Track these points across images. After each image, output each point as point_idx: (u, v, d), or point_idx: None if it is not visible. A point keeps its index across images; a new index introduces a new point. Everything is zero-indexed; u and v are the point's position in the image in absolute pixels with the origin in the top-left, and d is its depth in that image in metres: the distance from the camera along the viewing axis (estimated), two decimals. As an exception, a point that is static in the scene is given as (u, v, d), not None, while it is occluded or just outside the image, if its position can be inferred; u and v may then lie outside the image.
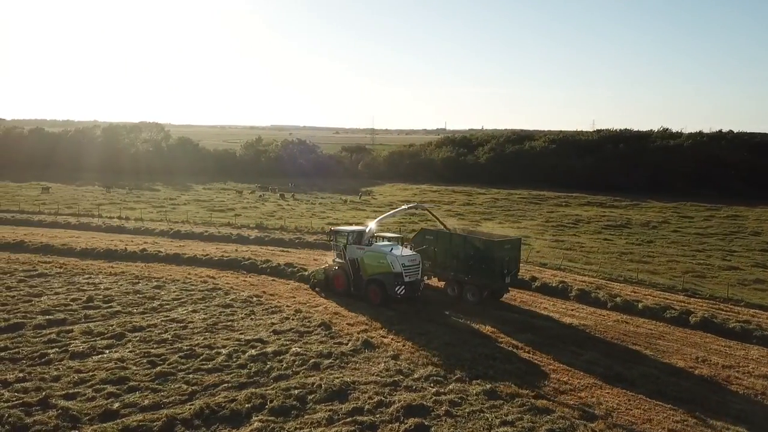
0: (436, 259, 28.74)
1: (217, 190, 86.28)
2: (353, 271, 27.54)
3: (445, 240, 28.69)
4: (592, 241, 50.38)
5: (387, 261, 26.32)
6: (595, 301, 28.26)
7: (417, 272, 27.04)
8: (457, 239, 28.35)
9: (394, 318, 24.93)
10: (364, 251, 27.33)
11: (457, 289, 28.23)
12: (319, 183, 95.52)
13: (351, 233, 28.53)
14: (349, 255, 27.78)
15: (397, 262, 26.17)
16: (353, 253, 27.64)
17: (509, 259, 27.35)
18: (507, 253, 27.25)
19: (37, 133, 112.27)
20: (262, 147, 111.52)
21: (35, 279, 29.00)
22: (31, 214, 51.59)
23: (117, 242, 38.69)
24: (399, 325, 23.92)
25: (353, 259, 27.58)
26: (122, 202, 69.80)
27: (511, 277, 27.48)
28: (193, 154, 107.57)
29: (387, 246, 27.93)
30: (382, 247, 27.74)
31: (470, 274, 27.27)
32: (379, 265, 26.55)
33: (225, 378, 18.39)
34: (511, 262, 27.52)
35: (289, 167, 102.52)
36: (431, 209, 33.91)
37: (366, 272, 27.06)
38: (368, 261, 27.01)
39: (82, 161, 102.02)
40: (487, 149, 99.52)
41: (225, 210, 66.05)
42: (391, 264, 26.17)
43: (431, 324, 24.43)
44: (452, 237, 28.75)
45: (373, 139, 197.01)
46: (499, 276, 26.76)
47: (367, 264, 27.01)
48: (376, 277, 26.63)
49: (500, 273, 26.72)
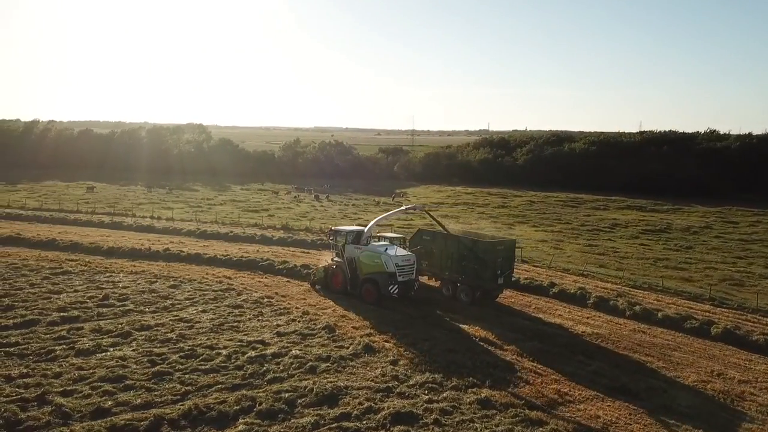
0: (432, 260, 28.97)
1: (254, 191, 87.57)
2: (350, 270, 28.03)
3: (440, 241, 28.83)
4: (628, 246, 48.96)
5: (381, 261, 26.78)
6: (613, 309, 27.37)
7: (411, 272, 27.37)
8: (452, 240, 28.42)
9: (400, 322, 24.72)
10: (361, 251, 27.80)
11: (452, 290, 28.40)
12: (355, 184, 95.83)
13: (350, 233, 29.10)
14: (347, 254, 28.29)
15: (390, 261, 26.59)
16: (351, 252, 28.13)
17: (502, 261, 27.31)
18: (499, 255, 27.27)
19: (86, 135, 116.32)
20: (300, 148, 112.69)
21: (59, 276, 29.93)
22: (68, 212, 53.34)
23: (144, 241, 39.62)
24: (404, 330, 23.68)
25: (351, 258, 28.07)
26: (161, 201, 71.58)
27: (504, 278, 27.47)
28: (234, 155, 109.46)
29: (382, 246, 28.39)
30: (378, 247, 28.20)
31: (463, 274, 27.48)
32: (374, 265, 27.01)
33: (220, 379, 18.52)
34: (505, 263, 27.47)
35: (326, 168, 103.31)
36: (429, 210, 33.98)
37: (362, 271, 27.51)
38: (364, 260, 27.46)
39: (127, 162, 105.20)
40: (525, 151, 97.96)
41: (259, 210, 66.97)
42: (385, 264, 26.63)
43: (437, 329, 24.10)
44: (447, 238, 28.77)
45: (412, 141, 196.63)
46: (490, 277, 26.83)
47: (364, 263, 27.46)
48: (370, 276, 27.08)
49: (492, 274, 26.81)
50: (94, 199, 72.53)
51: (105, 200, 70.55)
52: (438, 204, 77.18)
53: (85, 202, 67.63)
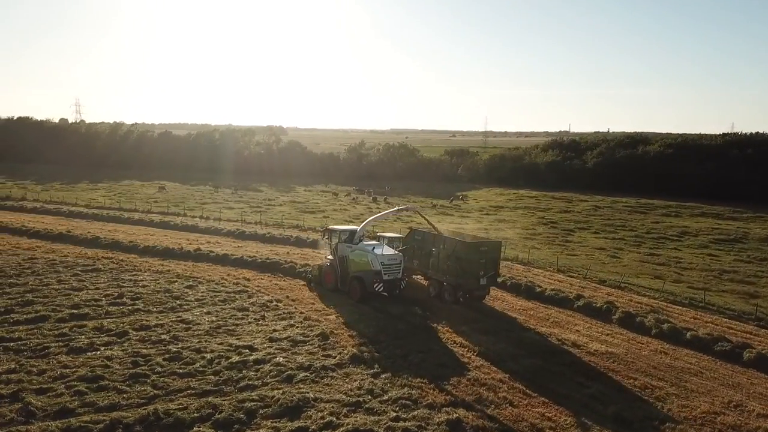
0: (422, 259, 29.32)
1: (316, 192, 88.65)
2: (341, 268, 28.83)
3: (429, 241, 28.97)
4: (694, 256, 45.65)
5: (368, 259, 27.57)
6: (639, 327, 25.24)
7: (397, 271, 27.92)
8: (438, 240, 28.43)
9: (402, 332, 23.82)
10: (352, 249, 28.59)
11: (438, 289, 28.49)
12: (416, 186, 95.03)
13: (343, 232, 30.10)
14: (339, 253, 29.15)
15: (377, 260, 27.32)
16: (343, 251, 29.00)
17: (486, 262, 27.08)
18: (482, 256, 27.07)
19: (165, 137, 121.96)
20: (365, 151, 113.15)
21: (88, 273, 31.06)
22: (126, 211, 55.73)
23: (182, 241, 40.66)
24: (402, 340, 22.78)
25: (342, 256, 28.92)
26: (224, 201, 73.73)
27: (488, 279, 27.30)
28: (301, 157, 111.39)
29: (370, 245, 29.02)
30: (366, 246, 28.85)
31: (447, 274, 27.56)
32: (362, 263, 27.83)
33: (193, 384, 18.35)
34: (488, 264, 27.24)
35: (389, 170, 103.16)
36: (421, 211, 34.60)
37: (351, 269, 28.30)
38: (354, 258, 28.30)
39: (201, 162, 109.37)
40: (596, 153, 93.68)
41: (315, 212, 67.59)
42: (371, 262, 27.39)
43: (437, 342, 22.99)
44: (434, 238, 28.77)
45: (485, 142, 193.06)
46: (472, 277, 26.75)
47: (353, 261, 28.29)
48: (358, 274, 27.85)
49: (474, 275, 26.71)
50: (162, 198, 75.71)
51: (171, 199, 73.42)
52: (497, 208, 75.19)
53: (154, 201, 70.66)
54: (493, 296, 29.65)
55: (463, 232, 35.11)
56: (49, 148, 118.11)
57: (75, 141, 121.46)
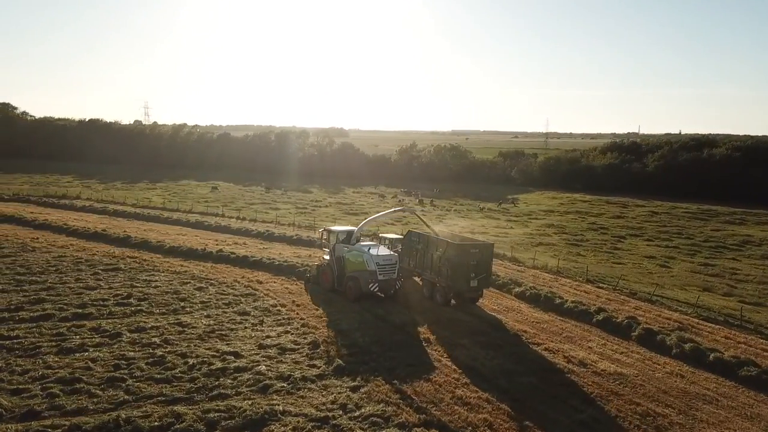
0: (417, 261, 29.25)
1: (364, 194, 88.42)
2: (338, 268, 29.04)
3: (423, 242, 28.90)
4: (753, 267, 42.46)
5: (363, 259, 27.87)
6: (659, 345, 23.24)
7: (392, 272, 28.18)
8: (432, 242, 28.34)
9: (398, 343, 22.79)
10: (349, 250, 29.00)
11: (431, 290, 28.53)
12: (466, 189, 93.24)
13: (341, 233, 30.55)
14: (336, 253, 29.46)
15: (372, 261, 27.61)
16: (340, 251, 29.36)
17: (476, 264, 26.84)
18: (473, 258, 26.82)
19: (223, 138, 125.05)
20: (416, 152, 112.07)
21: (108, 273, 31.61)
22: (165, 210, 57.02)
23: (209, 241, 41.02)
24: (396, 352, 21.80)
25: (339, 256, 29.22)
26: (272, 202, 74.54)
27: (479, 281, 27.07)
28: (353, 158, 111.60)
29: (366, 246, 29.46)
30: (363, 246, 29.26)
31: (439, 275, 27.50)
32: (358, 263, 28.08)
33: (165, 390, 18.04)
34: (479, 266, 26.96)
35: (440, 172, 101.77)
36: (418, 212, 34.46)
37: (348, 269, 28.55)
38: (350, 259, 28.57)
39: (256, 163, 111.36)
40: (657, 156, 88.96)
41: (359, 213, 67.20)
42: (366, 262, 27.67)
43: (429, 355, 21.83)
44: (428, 240, 28.66)
45: (546, 144, 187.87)
46: (462, 279, 26.61)
47: (349, 261, 28.55)
48: (354, 274, 28.05)
49: (464, 276, 26.56)
50: (213, 198, 77.33)
51: (221, 199, 74.87)
52: (547, 212, 72.65)
53: (204, 201, 72.24)
54: (508, 306, 28.21)
55: (460, 233, 34.26)
56: (116, 148, 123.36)
57: (140, 142, 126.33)
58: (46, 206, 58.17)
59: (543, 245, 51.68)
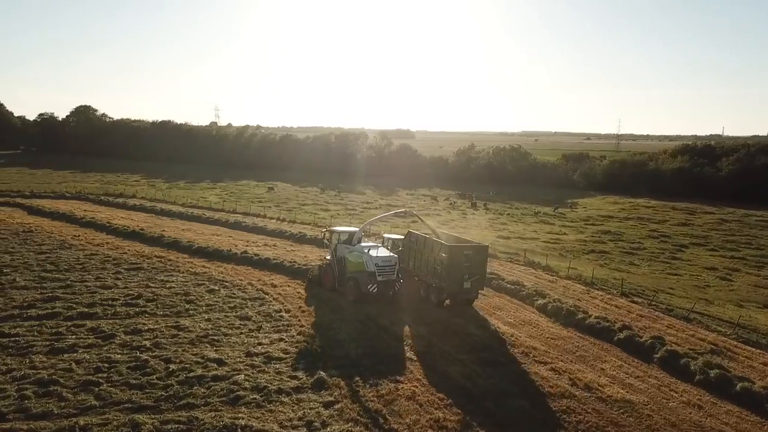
0: (415, 261, 29.16)
1: (417, 196, 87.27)
2: (339, 269, 29.12)
3: (420, 243, 28.81)
4: (831, 281, 38.56)
5: (362, 260, 27.90)
6: (682, 370, 20.96)
7: (392, 273, 28.13)
8: (428, 243, 28.24)
9: (392, 357, 21.57)
10: (350, 250, 28.97)
11: (426, 291, 28.37)
12: (523, 192, 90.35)
13: (342, 233, 30.65)
14: (338, 253, 29.56)
15: (371, 262, 27.69)
16: (341, 251, 29.42)
17: (470, 265, 26.81)
18: (466, 259, 26.75)
19: (285, 139, 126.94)
20: (474, 154, 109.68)
21: (129, 272, 31.96)
22: (206, 210, 57.88)
23: (240, 242, 41.08)
24: (386, 366, 20.60)
25: (341, 257, 29.29)
26: (324, 203, 74.74)
27: (472, 283, 26.96)
28: (411, 160, 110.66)
29: (367, 246, 29.32)
30: (363, 247, 29.11)
31: (434, 276, 27.50)
32: (358, 264, 28.10)
33: (135, 397, 17.60)
34: (473, 268, 26.90)
35: (499, 175, 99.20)
36: (419, 214, 34.27)
37: (348, 270, 28.52)
38: (351, 259, 28.55)
39: (314, 165, 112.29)
40: (732, 160, 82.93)
41: (407, 216, 66.23)
42: (366, 263, 27.73)
43: (422, 371, 20.47)
44: (425, 241, 28.57)
45: (617, 146, 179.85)
46: (455, 280, 26.57)
47: (350, 262, 28.55)
48: (353, 274, 28.06)
49: (457, 278, 26.54)
50: (267, 198, 78.38)
51: (275, 200, 75.76)
52: (606, 218, 69.15)
53: (258, 201, 73.25)
54: (525, 320, 26.43)
55: (461, 236, 32.83)
56: (184, 149, 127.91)
57: (207, 143, 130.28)
58: (101, 204, 60.43)
59: (594, 253, 49.01)
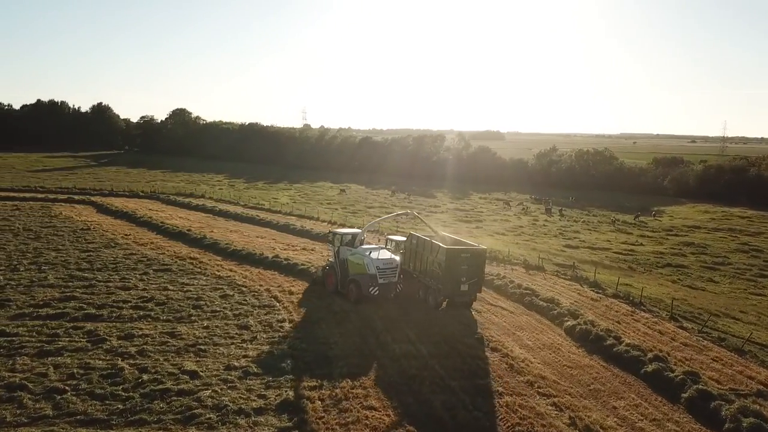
0: (416, 263, 28.83)
1: (489, 200, 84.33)
2: (342, 271, 29.05)
3: (420, 245, 28.59)
4: None
5: (364, 263, 27.84)
6: (711, 415, 17.81)
7: (393, 275, 28.35)
8: (427, 245, 27.93)
9: (379, 379, 19.86)
10: (352, 252, 28.85)
11: (425, 293, 28.17)
12: (608, 198, 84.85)
13: (345, 235, 30.47)
14: (341, 255, 29.41)
15: (372, 264, 27.71)
16: (344, 253, 29.31)
17: (468, 268, 26.72)
18: (464, 262, 26.65)
19: (364, 142, 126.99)
20: (556, 157, 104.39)
21: (156, 274, 32.01)
22: (261, 211, 58.12)
23: (278, 246, 40.53)
24: (366, 390, 18.92)
25: (343, 259, 29.15)
26: (390, 206, 73.51)
27: (470, 285, 26.85)
28: (489, 163, 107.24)
29: (368, 249, 29.19)
30: (364, 249, 29.05)
31: (432, 278, 27.35)
32: (359, 266, 28.05)
33: (92, 409, 17.04)
34: (470, 271, 26.81)
35: (580, 179, 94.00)
36: (421, 215, 33.94)
37: (350, 272, 28.44)
38: (353, 261, 28.46)
39: (391, 167, 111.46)
40: None
41: (471, 221, 64.00)
42: (367, 266, 27.71)
43: (399, 397, 18.57)
44: (425, 243, 28.25)
45: (722, 150, 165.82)
46: (452, 283, 26.49)
47: (351, 264, 28.47)
48: (354, 276, 28.00)
49: (454, 280, 26.47)
50: (337, 200, 78.38)
51: (344, 201, 75.62)
52: (692, 228, 63.42)
53: (328, 203, 73.38)
54: (546, 344, 23.77)
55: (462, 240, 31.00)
56: (269, 151, 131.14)
57: (289, 145, 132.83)
58: (168, 204, 62.36)
59: (670, 267, 44.84)
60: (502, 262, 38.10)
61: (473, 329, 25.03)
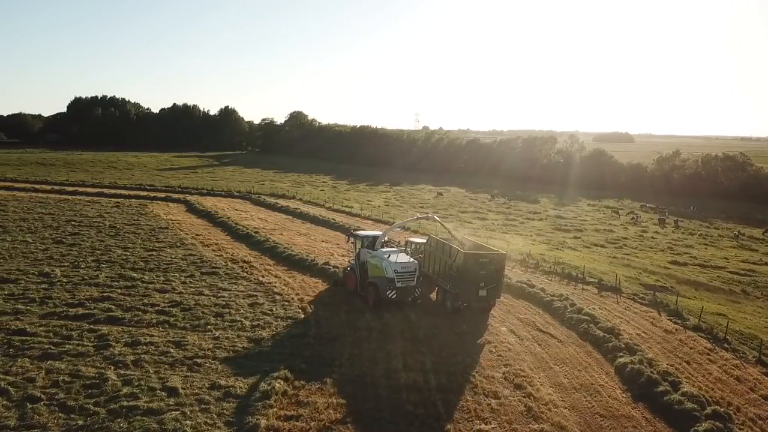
0: (434, 267, 28.70)
1: (598, 208, 78.11)
2: (361, 273, 28.95)
3: (439, 249, 28.48)
4: None
5: (382, 266, 27.50)
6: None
7: (411, 279, 27.84)
8: (446, 249, 27.81)
9: (372, 409, 17.62)
10: (371, 255, 28.62)
11: (443, 297, 28.21)
12: (738, 209, 75.75)
13: (366, 237, 30.40)
14: (361, 258, 29.40)
15: (390, 268, 27.30)
16: (364, 256, 29.21)
17: (486, 273, 26.37)
18: (483, 267, 26.35)
19: (471, 143, 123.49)
20: (679, 162, 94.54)
21: (201, 277, 31.54)
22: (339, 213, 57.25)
23: (336, 252, 39.15)
24: (357, 423, 16.78)
25: (363, 261, 29.09)
26: (485, 211, 70.57)
27: (488, 291, 26.52)
28: (603, 167, 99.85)
29: (387, 252, 28.87)
30: (383, 252, 28.71)
31: (450, 282, 27.18)
32: (378, 269, 27.78)
33: (53, 423, 16.29)
34: (489, 276, 26.45)
35: (707, 187, 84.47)
36: (440, 218, 33.27)
37: (370, 274, 28.25)
38: (372, 264, 28.25)
39: (497, 169, 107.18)
40: None
41: (571, 230, 59.32)
42: (385, 269, 27.36)
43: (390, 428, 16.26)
44: (443, 246, 28.22)
45: None
46: (470, 288, 26.24)
47: (372, 266, 28.25)
48: (373, 279, 27.77)
49: (473, 285, 26.20)
50: (432, 203, 76.28)
51: (439, 205, 73.49)
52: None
53: (421, 206, 71.42)
54: (585, 383, 20.21)
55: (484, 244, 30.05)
56: (377, 153, 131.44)
57: (397, 147, 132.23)
58: (255, 204, 63.36)
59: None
60: (574, 280, 33.99)
61: (504, 359, 21.90)
